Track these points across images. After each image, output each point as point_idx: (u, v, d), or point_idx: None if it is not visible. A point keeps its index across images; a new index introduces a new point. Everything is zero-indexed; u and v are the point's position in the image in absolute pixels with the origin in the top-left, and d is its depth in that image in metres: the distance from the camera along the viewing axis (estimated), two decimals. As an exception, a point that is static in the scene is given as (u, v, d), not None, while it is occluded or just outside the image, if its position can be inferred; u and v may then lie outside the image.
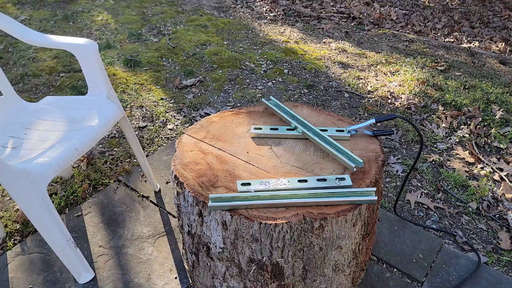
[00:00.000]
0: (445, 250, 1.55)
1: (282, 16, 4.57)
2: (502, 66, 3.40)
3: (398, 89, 2.84)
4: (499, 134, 2.30)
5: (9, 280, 1.41)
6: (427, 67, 3.25)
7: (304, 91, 2.82)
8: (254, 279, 1.10)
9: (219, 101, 2.66)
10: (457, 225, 1.71)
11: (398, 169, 2.02)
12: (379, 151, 1.21)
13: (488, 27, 4.50)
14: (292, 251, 1.02)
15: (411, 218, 1.74)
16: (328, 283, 1.15)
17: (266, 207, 1.00)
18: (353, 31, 4.19)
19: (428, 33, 4.23)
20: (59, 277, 1.42)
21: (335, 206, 1.01)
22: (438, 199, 1.85)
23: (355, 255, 1.15)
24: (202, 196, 1.03)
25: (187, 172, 1.13)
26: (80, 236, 1.59)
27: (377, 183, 1.10)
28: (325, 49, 3.60)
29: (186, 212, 1.12)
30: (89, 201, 1.75)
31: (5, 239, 1.58)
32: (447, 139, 2.29)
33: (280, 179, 1.08)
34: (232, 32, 3.97)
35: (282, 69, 3.13)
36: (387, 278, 1.44)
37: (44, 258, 1.49)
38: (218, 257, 1.11)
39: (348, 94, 2.79)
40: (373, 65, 3.25)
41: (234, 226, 1.01)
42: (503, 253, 1.58)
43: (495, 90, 2.82)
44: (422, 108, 2.59)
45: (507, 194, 1.87)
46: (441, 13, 4.94)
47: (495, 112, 2.47)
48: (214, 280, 1.20)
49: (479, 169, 2.06)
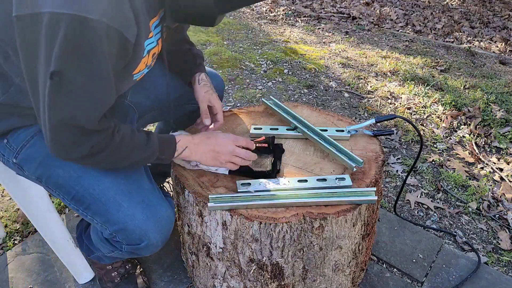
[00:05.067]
0: (445, 250, 1.55)
1: (282, 16, 4.57)
2: (502, 66, 3.40)
3: (398, 89, 2.84)
4: (499, 134, 2.30)
5: (9, 280, 1.41)
6: (427, 67, 3.25)
7: (304, 91, 2.82)
8: (254, 279, 1.10)
9: (219, 101, 2.66)
10: (457, 225, 1.71)
11: (398, 169, 2.02)
12: (379, 151, 1.21)
13: (488, 27, 4.50)
14: (292, 251, 1.02)
15: (411, 218, 1.74)
16: (328, 283, 1.15)
17: (266, 207, 1.00)
18: (353, 31, 4.19)
19: (428, 33, 4.23)
20: (59, 277, 1.42)
21: (335, 206, 1.01)
22: (438, 199, 1.85)
23: (355, 255, 1.15)
24: (202, 196, 1.03)
25: (187, 172, 1.13)
26: (80, 236, 1.59)
27: (377, 183, 1.10)
28: (325, 49, 3.60)
29: (186, 212, 1.12)
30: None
31: (5, 239, 1.58)
32: (447, 139, 2.29)
33: (280, 179, 1.08)
34: (232, 32, 3.97)
35: (282, 69, 3.13)
36: (387, 278, 1.44)
37: (44, 258, 1.49)
38: (218, 257, 1.11)
39: (348, 94, 2.79)
40: (373, 65, 3.25)
41: (234, 226, 1.01)
42: (503, 253, 1.58)
43: (495, 90, 2.82)
44: (422, 108, 2.59)
45: (507, 194, 1.87)
46: (441, 13, 4.94)
47: (495, 112, 2.47)
48: (214, 280, 1.20)
49: (479, 169, 2.06)
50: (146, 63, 0.95)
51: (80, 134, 0.83)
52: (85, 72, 0.76)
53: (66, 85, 0.76)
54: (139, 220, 0.95)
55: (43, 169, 0.97)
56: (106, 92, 0.83)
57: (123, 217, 0.94)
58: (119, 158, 0.92)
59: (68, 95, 0.77)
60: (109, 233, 0.98)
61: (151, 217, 0.96)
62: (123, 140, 0.90)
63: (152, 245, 0.98)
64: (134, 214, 0.95)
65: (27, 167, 0.99)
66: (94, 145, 0.86)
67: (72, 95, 0.78)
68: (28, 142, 0.97)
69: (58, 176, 0.97)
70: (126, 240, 0.97)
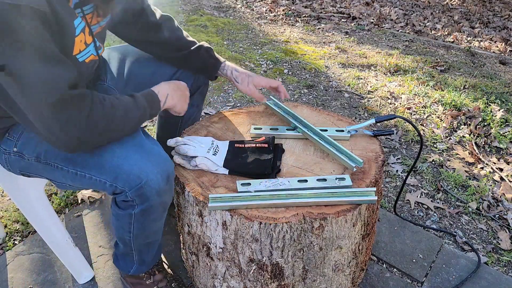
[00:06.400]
0: (445, 250, 1.55)
1: (282, 16, 4.57)
2: (502, 66, 3.40)
3: (398, 89, 2.84)
4: (499, 134, 2.30)
5: (9, 280, 1.41)
6: (427, 67, 3.25)
7: (304, 91, 2.82)
8: (254, 279, 1.10)
9: (219, 101, 2.66)
10: (457, 225, 1.71)
11: (398, 169, 2.02)
12: (379, 151, 1.21)
13: (488, 27, 4.50)
14: (292, 251, 1.02)
15: (411, 218, 1.74)
16: (328, 283, 1.15)
17: (266, 207, 1.00)
18: (353, 31, 4.19)
19: (428, 33, 4.23)
20: (59, 277, 1.42)
21: (335, 206, 1.01)
22: (438, 199, 1.85)
23: (355, 255, 1.15)
24: (202, 196, 1.03)
25: (187, 172, 1.13)
26: (80, 236, 1.59)
27: (377, 183, 1.10)
28: (325, 49, 3.60)
29: (186, 212, 1.12)
30: (89, 201, 1.75)
31: (5, 239, 1.58)
32: (447, 139, 2.29)
33: (280, 179, 1.08)
34: (232, 32, 3.97)
35: (282, 69, 3.13)
36: (387, 278, 1.44)
37: (44, 258, 1.49)
38: (218, 257, 1.11)
39: (348, 94, 2.79)
40: (373, 65, 3.25)
41: (234, 226, 1.01)
42: (503, 253, 1.58)
43: (495, 90, 2.82)
44: (422, 108, 2.59)
45: (507, 194, 1.87)
46: (441, 13, 4.95)
47: (495, 112, 2.47)
48: (214, 280, 1.20)
49: (479, 169, 2.06)
50: (85, 42, 0.98)
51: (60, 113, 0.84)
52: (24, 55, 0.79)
53: (15, 73, 0.79)
54: (134, 159, 0.97)
55: (40, 146, 1.02)
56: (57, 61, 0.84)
57: (118, 160, 0.97)
58: (119, 123, 0.96)
59: (23, 80, 0.81)
60: (110, 184, 0.99)
61: (145, 155, 0.98)
62: (113, 105, 0.93)
63: (153, 181, 0.97)
64: (128, 155, 0.98)
65: (26, 150, 1.04)
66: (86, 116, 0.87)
67: (25, 79, 0.80)
68: (25, 129, 1.04)
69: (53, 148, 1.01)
70: (127, 185, 0.97)
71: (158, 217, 1.09)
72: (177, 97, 1.14)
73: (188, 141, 1.14)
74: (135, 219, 1.06)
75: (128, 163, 0.97)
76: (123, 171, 0.97)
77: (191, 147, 1.12)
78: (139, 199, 1.00)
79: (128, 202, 1.02)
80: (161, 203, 1.04)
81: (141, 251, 1.20)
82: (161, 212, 1.08)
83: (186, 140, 1.14)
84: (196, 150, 1.12)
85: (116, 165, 0.97)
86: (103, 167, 0.99)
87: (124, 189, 0.98)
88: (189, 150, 1.11)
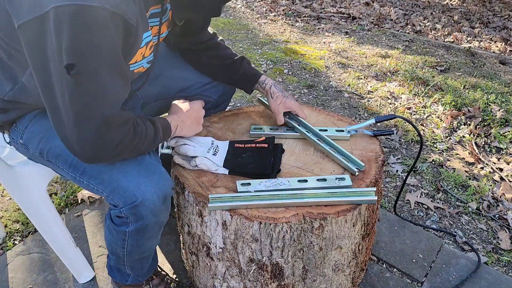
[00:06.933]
0: (445, 250, 1.55)
1: (282, 16, 4.57)
2: (502, 66, 3.40)
3: (398, 89, 2.84)
4: (499, 134, 2.30)
5: (9, 280, 1.41)
6: (427, 67, 3.25)
7: (304, 91, 2.82)
8: (254, 279, 1.10)
9: (219, 101, 2.66)
10: (457, 225, 1.71)
11: (398, 169, 2.02)
12: (379, 151, 1.21)
13: (488, 27, 4.50)
14: (292, 251, 1.02)
15: (411, 218, 1.74)
16: (328, 283, 1.15)
17: (266, 207, 1.00)
18: (353, 31, 4.19)
19: (428, 33, 4.23)
20: (59, 277, 1.42)
21: (335, 206, 1.01)
22: (438, 199, 1.85)
23: (355, 255, 1.15)
24: (202, 196, 1.03)
25: (187, 172, 1.13)
26: (80, 236, 1.59)
27: (377, 183, 1.10)
28: (325, 49, 3.60)
29: (186, 212, 1.12)
30: (89, 201, 1.75)
31: (5, 239, 1.58)
32: (447, 139, 2.29)
33: (280, 179, 1.08)
34: (232, 32, 3.97)
35: (282, 69, 3.13)
36: (387, 278, 1.44)
37: (44, 258, 1.49)
38: (218, 257, 1.11)
39: (348, 94, 2.79)
40: (373, 65, 3.25)
41: (234, 226, 1.01)
42: (503, 253, 1.58)
43: (495, 90, 2.82)
44: (422, 108, 2.59)
45: (507, 194, 1.87)
46: (441, 13, 4.95)
47: (495, 112, 2.47)
48: (214, 280, 1.20)
49: (479, 169, 2.06)
50: (143, 54, 0.98)
51: (105, 128, 0.83)
52: (98, 60, 0.77)
53: (83, 75, 0.77)
54: (132, 175, 0.96)
55: (44, 143, 1.03)
56: (122, 77, 0.84)
57: (116, 174, 0.96)
58: (138, 153, 0.97)
59: (87, 85, 0.79)
60: (107, 196, 0.98)
61: (143, 172, 0.97)
62: (141, 136, 0.93)
63: (148, 201, 0.95)
64: (127, 171, 0.97)
65: (30, 144, 1.05)
66: (120, 141, 0.87)
67: (90, 84, 0.79)
68: (30, 122, 1.04)
69: (56, 147, 1.01)
70: (122, 200, 0.96)
71: (153, 235, 1.09)
72: (186, 128, 1.13)
73: (188, 141, 1.14)
74: (129, 236, 1.05)
75: (126, 179, 0.96)
76: (120, 186, 0.96)
77: (191, 147, 1.12)
78: (133, 217, 0.98)
79: (122, 218, 1.00)
80: (156, 223, 1.03)
81: (133, 267, 1.19)
82: (156, 231, 1.07)
83: (186, 140, 1.14)
84: (196, 150, 1.12)
85: (114, 178, 0.97)
86: (102, 178, 0.98)
87: (119, 204, 0.98)
88: (189, 150, 1.11)
